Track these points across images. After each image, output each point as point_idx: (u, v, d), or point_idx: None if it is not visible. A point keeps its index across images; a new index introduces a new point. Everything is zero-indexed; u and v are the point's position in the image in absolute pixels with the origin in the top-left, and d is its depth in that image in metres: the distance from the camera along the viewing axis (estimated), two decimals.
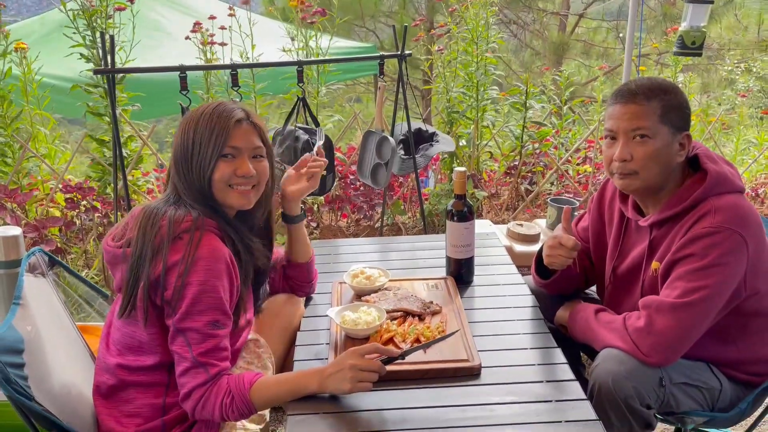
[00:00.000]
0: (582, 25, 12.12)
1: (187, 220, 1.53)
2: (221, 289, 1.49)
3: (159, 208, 1.57)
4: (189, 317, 1.47)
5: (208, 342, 1.48)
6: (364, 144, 2.86)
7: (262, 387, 1.49)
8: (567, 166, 4.43)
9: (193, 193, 1.60)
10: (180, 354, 1.49)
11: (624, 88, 1.72)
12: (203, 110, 1.63)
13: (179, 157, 1.61)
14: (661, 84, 1.71)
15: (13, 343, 1.50)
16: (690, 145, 1.72)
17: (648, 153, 1.67)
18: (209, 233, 1.54)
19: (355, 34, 10.89)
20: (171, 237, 1.50)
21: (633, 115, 1.67)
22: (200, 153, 1.59)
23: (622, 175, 1.72)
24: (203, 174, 1.59)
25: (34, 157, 3.38)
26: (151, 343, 1.55)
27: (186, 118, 1.65)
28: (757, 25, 10.77)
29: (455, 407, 1.49)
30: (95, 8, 3.24)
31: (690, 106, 1.73)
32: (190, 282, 1.47)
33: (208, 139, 1.58)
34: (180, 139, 1.62)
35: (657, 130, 1.66)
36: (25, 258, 1.78)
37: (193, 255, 1.48)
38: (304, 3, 3.67)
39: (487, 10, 3.98)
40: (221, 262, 1.51)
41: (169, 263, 1.49)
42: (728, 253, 1.59)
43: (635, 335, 1.63)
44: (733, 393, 1.77)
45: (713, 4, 2.93)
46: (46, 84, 3.80)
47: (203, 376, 1.47)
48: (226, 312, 1.51)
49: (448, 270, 2.08)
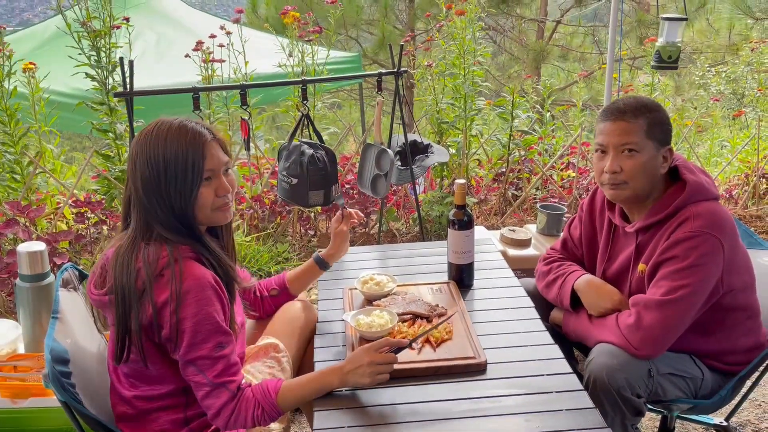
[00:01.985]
0: (559, 30, 12.38)
1: (164, 256, 1.53)
2: (215, 313, 1.53)
3: (129, 249, 1.54)
4: (194, 348, 1.51)
5: (219, 363, 1.53)
6: (364, 156, 3.01)
7: (287, 391, 1.59)
8: (551, 172, 4.62)
9: (169, 221, 1.57)
10: (196, 382, 1.54)
11: (613, 106, 1.90)
12: (165, 135, 1.56)
13: (150, 187, 1.55)
14: (646, 103, 1.89)
15: (61, 353, 1.61)
16: (672, 157, 1.91)
17: (636, 165, 1.85)
18: (187, 261, 1.54)
19: (338, 42, 11.02)
20: (152, 278, 1.50)
21: (622, 132, 1.86)
22: (178, 181, 1.55)
23: (612, 185, 1.90)
24: (185, 201, 1.56)
25: (44, 172, 3.48)
26: (161, 374, 1.60)
27: (145, 145, 1.56)
28: (728, 30, 11.10)
29: (465, 400, 1.63)
30: (99, 30, 3.35)
31: (671, 122, 1.92)
32: (185, 317, 1.49)
33: (184, 166, 1.55)
34: (148, 169, 1.55)
35: (644, 145, 1.85)
36: (59, 273, 1.89)
37: (179, 290, 1.49)
38: (299, 20, 3.81)
39: (474, 24, 4.15)
40: (207, 288, 1.53)
41: (159, 304, 1.50)
42: (707, 255, 1.78)
43: (626, 331, 1.80)
44: (714, 381, 1.95)
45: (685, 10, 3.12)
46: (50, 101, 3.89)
47: (226, 394, 1.53)
48: (225, 332, 1.55)
49: (450, 275, 2.22)
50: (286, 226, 4.06)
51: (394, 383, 1.68)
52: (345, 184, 4.13)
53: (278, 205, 3.97)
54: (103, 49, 3.38)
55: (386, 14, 10.70)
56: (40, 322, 2.39)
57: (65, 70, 3.65)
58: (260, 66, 4.38)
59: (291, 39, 3.95)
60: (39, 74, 3.58)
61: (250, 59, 4.09)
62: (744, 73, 8.94)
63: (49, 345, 1.60)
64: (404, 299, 2.05)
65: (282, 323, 2.05)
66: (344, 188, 4.10)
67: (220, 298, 1.57)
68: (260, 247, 3.68)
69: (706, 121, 7.13)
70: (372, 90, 10.00)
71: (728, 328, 1.92)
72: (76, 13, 3.45)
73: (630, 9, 10.78)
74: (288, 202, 2.79)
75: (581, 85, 6.58)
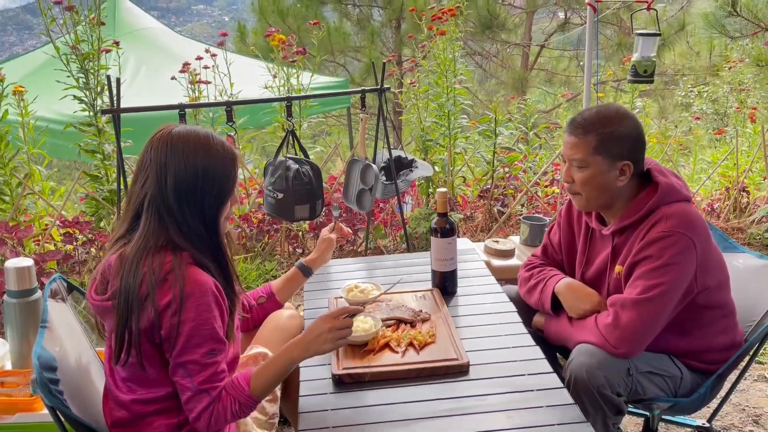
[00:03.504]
0: (544, 54, 12.61)
1: (168, 262, 1.54)
2: (213, 319, 1.55)
3: (138, 254, 1.55)
4: (187, 351, 1.53)
5: (208, 370, 1.55)
6: (349, 171, 3.07)
7: (257, 378, 1.61)
8: (536, 189, 4.69)
9: (196, 227, 1.59)
10: (182, 384, 1.55)
11: (572, 119, 1.97)
12: (205, 144, 1.59)
13: (184, 193, 1.56)
14: (605, 116, 1.91)
15: (49, 361, 1.62)
16: (631, 171, 1.92)
17: (583, 179, 1.93)
18: (190, 267, 1.56)
19: (326, 68, 11.18)
20: (156, 283, 1.52)
21: (572, 146, 1.93)
22: (215, 189, 1.59)
23: (570, 193, 2.01)
24: (217, 209, 1.61)
25: (32, 194, 3.51)
26: (158, 377, 1.61)
27: (182, 151, 1.57)
28: (708, 52, 11.33)
29: (449, 399, 1.66)
30: (87, 52, 3.41)
31: (639, 136, 1.92)
32: (184, 320, 1.52)
33: (224, 177, 1.60)
34: (186, 174, 1.56)
35: (590, 161, 1.90)
36: (47, 284, 1.92)
37: (182, 293, 1.51)
38: (285, 42, 3.89)
39: (454, 44, 4.26)
40: (208, 294, 1.55)
41: (161, 306, 1.52)
42: (680, 253, 1.82)
43: (604, 330, 1.84)
44: (693, 380, 1.99)
45: (665, 34, 3.21)
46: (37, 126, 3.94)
47: (207, 399, 1.55)
48: (220, 339, 1.58)
49: (433, 282, 2.26)
50: (274, 244, 4.10)
51: (379, 385, 1.71)
52: (332, 202, 4.17)
53: (266, 223, 4.01)
54: (91, 71, 3.44)
55: (373, 41, 10.90)
56: (28, 338, 2.39)
57: (54, 96, 3.70)
58: (247, 90, 4.46)
59: (276, 62, 4.03)
60: (28, 98, 3.62)
61: (237, 84, 4.17)
62: (725, 93, 9.11)
63: (37, 352, 1.62)
64: (388, 306, 2.09)
65: (270, 332, 2.08)
66: (330, 206, 4.14)
67: (220, 306, 1.59)
68: (248, 265, 3.70)
69: (689, 140, 7.25)
70: (360, 113, 10.11)
71: (704, 326, 1.96)
72: (67, 39, 3.51)
73: (612, 33, 11.03)
74: (274, 216, 2.83)
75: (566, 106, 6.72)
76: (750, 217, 4.72)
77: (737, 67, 7.71)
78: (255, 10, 11.02)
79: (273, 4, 10.69)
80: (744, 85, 7.54)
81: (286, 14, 10.58)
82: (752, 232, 4.54)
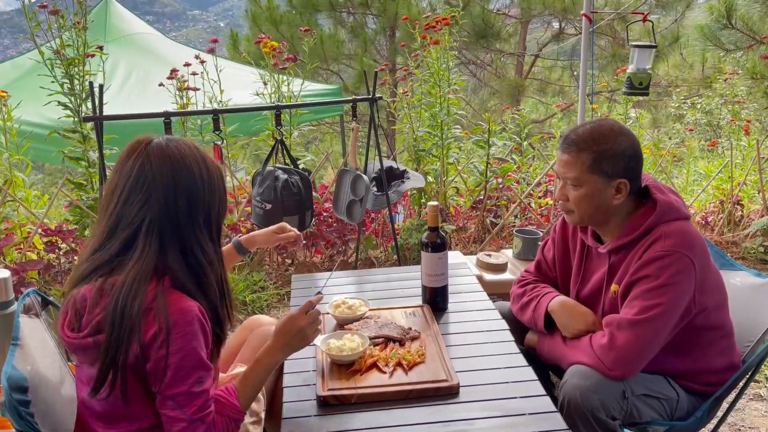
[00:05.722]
0: (538, 64, 12.63)
1: (150, 290, 1.44)
2: (199, 347, 1.48)
3: (133, 284, 1.43)
4: (175, 384, 1.46)
5: (199, 399, 1.48)
6: (339, 182, 3.00)
7: (242, 391, 1.60)
8: (529, 200, 4.64)
9: (197, 248, 1.50)
10: (172, 416, 1.48)
11: (565, 136, 1.91)
12: (202, 154, 1.53)
13: (197, 205, 1.49)
14: (600, 134, 1.84)
15: (19, 381, 1.53)
16: (627, 189, 1.86)
17: (577, 198, 1.88)
18: (172, 293, 1.46)
19: (319, 75, 11.15)
20: (141, 314, 1.41)
21: (565, 164, 1.88)
22: (223, 199, 1.56)
23: (563, 210, 1.96)
24: (220, 221, 1.57)
25: (13, 201, 3.42)
26: (142, 411, 1.53)
27: (190, 158, 1.49)
28: (701, 63, 11.37)
29: (439, 423, 1.60)
30: (72, 57, 3.34)
31: (635, 153, 1.85)
32: (172, 352, 1.43)
33: (223, 183, 1.57)
34: (201, 185, 1.49)
35: (584, 180, 1.85)
36: (20, 299, 1.84)
37: (167, 324, 1.42)
38: (276, 49, 3.83)
39: (447, 54, 4.21)
40: (194, 321, 1.46)
41: (147, 339, 1.43)
42: (678, 274, 1.77)
43: (599, 351, 1.78)
44: (690, 403, 1.93)
45: (659, 45, 3.18)
46: (21, 132, 3.86)
47: (202, 427, 1.48)
48: (206, 366, 1.51)
49: (424, 298, 2.20)
50: (262, 255, 4.02)
51: (365, 408, 1.64)
52: (323, 211, 4.11)
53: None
54: (76, 76, 3.37)
55: (366, 49, 10.88)
56: (4, 352, 2.31)
57: (40, 101, 3.63)
58: (238, 97, 4.40)
59: (267, 68, 3.97)
60: (12, 102, 3.55)
61: (229, 91, 4.10)
62: (718, 105, 9.13)
63: (6, 372, 1.54)
64: (377, 323, 2.02)
65: (253, 351, 2.01)
66: (321, 216, 4.08)
67: (205, 331, 1.49)
68: (235, 276, 3.63)
69: (682, 151, 7.24)
70: (352, 122, 10.08)
71: (702, 347, 1.90)
72: (52, 44, 3.44)
73: (606, 44, 11.04)
74: (262, 227, 2.76)
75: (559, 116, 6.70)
76: (744, 231, 4.68)
77: (731, 80, 7.71)
78: (248, 16, 10.99)
79: (267, 11, 10.66)
80: (738, 97, 7.55)
81: (279, 21, 10.56)
82: (746, 246, 4.50)
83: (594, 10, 3.52)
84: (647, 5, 10.40)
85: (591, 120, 1.99)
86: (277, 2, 10.90)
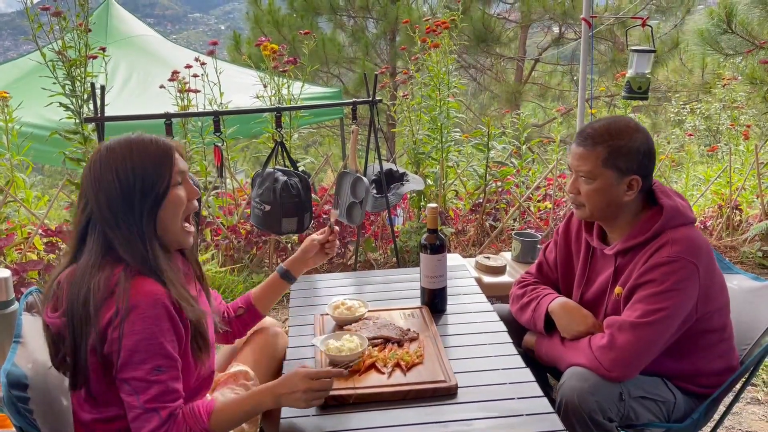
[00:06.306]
0: (538, 68, 12.64)
1: (116, 274, 1.49)
2: (160, 334, 1.47)
3: (84, 273, 1.50)
4: (130, 367, 1.46)
5: (154, 387, 1.47)
6: (339, 184, 3.01)
7: (219, 413, 1.54)
8: (528, 203, 4.65)
9: (135, 239, 1.52)
10: (128, 402, 1.48)
11: (582, 130, 1.91)
12: (134, 146, 1.54)
13: (119, 198, 1.51)
14: (616, 129, 1.86)
15: (19, 378, 1.55)
16: (639, 186, 1.88)
17: (589, 191, 1.88)
18: (140, 278, 1.49)
19: (320, 78, 11.17)
20: (102, 298, 1.46)
21: (580, 157, 1.88)
22: (149, 187, 1.53)
23: (573, 204, 1.96)
24: (153, 209, 1.54)
25: (14, 201, 3.43)
26: (111, 397, 1.54)
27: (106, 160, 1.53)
28: (700, 69, 11.38)
29: (437, 423, 1.60)
30: (74, 59, 3.36)
31: (649, 150, 1.86)
32: (127, 333, 1.44)
33: (156, 171, 1.53)
34: (116, 181, 1.51)
35: (598, 174, 1.86)
36: (23, 297, 1.85)
37: (127, 304, 1.45)
38: (276, 52, 3.85)
39: (448, 57, 4.23)
40: (158, 306, 1.47)
41: (104, 321, 1.45)
42: (683, 280, 1.78)
43: (598, 352, 1.79)
44: (686, 405, 1.94)
45: (659, 50, 3.20)
46: (22, 132, 3.88)
47: (156, 420, 1.46)
48: (168, 355, 1.49)
49: (422, 300, 2.21)
50: (262, 256, 4.03)
51: (364, 408, 1.65)
52: (322, 214, 4.12)
53: (254, 235, 3.95)
54: (78, 78, 3.38)
55: (367, 52, 10.90)
56: (3, 351, 2.32)
57: (41, 102, 3.64)
58: (238, 100, 4.41)
59: (268, 71, 3.99)
60: (13, 103, 3.56)
61: (229, 93, 4.12)
62: (717, 110, 9.15)
63: (6, 369, 1.55)
64: (375, 324, 2.03)
65: (252, 350, 2.02)
66: (320, 218, 4.09)
67: (172, 319, 1.50)
68: (235, 278, 3.63)
69: (681, 156, 7.26)
70: (352, 125, 10.10)
71: (702, 349, 1.91)
72: (54, 46, 3.46)
73: (605, 48, 11.07)
74: (261, 229, 2.78)
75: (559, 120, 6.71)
76: (743, 236, 4.69)
77: (730, 85, 7.73)
78: (250, 19, 11.02)
79: (268, 14, 10.69)
80: (737, 102, 7.56)
81: (280, 24, 10.59)
82: (745, 251, 4.51)
83: (594, 14, 3.54)
84: (647, 10, 10.44)
85: (607, 116, 2.00)
86: (278, 5, 10.93)
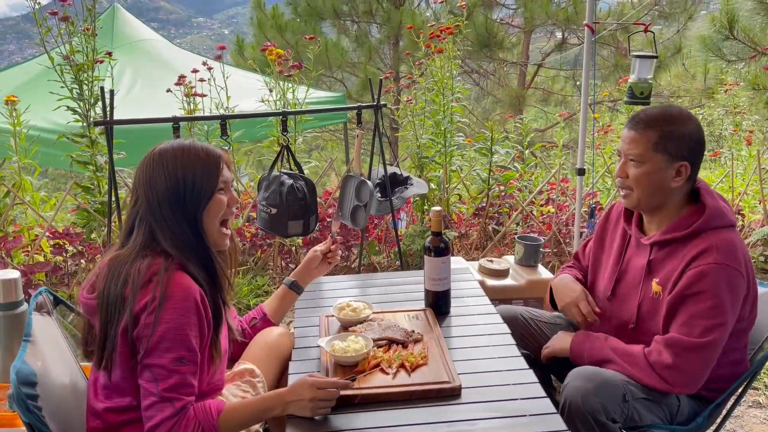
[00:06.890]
0: (540, 73, 12.67)
1: (156, 264, 1.58)
2: (188, 326, 1.55)
3: (127, 259, 1.60)
4: (155, 354, 1.53)
5: (174, 377, 1.53)
6: (344, 187, 3.04)
7: (229, 413, 1.60)
8: (531, 207, 4.67)
9: (178, 234, 1.63)
10: (146, 388, 1.54)
11: (635, 115, 1.94)
12: (188, 150, 1.66)
13: (168, 196, 1.63)
14: (668, 114, 1.89)
15: (28, 376, 1.58)
16: (687, 174, 1.88)
17: (638, 175, 1.90)
18: (178, 272, 1.58)
19: (324, 83, 11.21)
20: (139, 285, 1.55)
21: (631, 141, 1.91)
22: (196, 189, 1.64)
23: (621, 189, 1.99)
24: (197, 208, 1.64)
25: (22, 204, 3.47)
26: (130, 384, 1.60)
27: (159, 161, 1.65)
28: (703, 74, 11.40)
29: (441, 423, 1.62)
30: (81, 63, 3.39)
31: (700, 138, 1.89)
32: (160, 320, 1.52)
33: (203, 176, 1.64)
34: (167, 179, 1.63)
35: (648, 157, 1.87)
36: (33, 297, 1.88)
37: (164, 293, 1.53)
38: (281, 57, 3.88)
39: (451, 62, 4.26)
40: (190, 300, 1.55)
41: (139, 306, 1.53)
42: (734, 290, 1.80)
43: (664, 372, 1.81)
44: (690, 408, 1.94)
45: (661, 56, 3.22)
46: (29, 136, 3.91)
47: (169, 409, 1.52)
48: (192, 349, 1.56)
49: (426, 302, 2.23)
50: (266, 259, 4.06)
51: (369, 408, 1.67)
52: (326, 217, 4.15)
53: (259, 238, 3.97)
54: (85, 82, 3.42)
55: (371, 57, 10.94)
56: (12, 351, 2.34)
57: (48, 106, 3.68)
58: (244, 104, 4.45)
59: (273, 76, 4.02)
60: (21, 107, 3.60)
61: (234, 98, 4.15)
62: (719, 115, 9.16)
63: (16, 366, 1.58)
64: (380, 325, 2.05)
65: (259, 349, 2.04)
66: (325, 221, 4.11)
67: (200, 315, 1.58)
68: (239, 280, 3.66)
69: None
70: (356, 129, 10.13)
71: (721, 354, 1.91)
72: (61, 49, 3.49)
73: (608, 54, 11.09)
74: (267, 232, 2.80)
75: (562, 125, 6.74)
76: (746, 241, 4.71)
77: (732, 90, 7.75)
78: (254, 24, 11.07)
79: (272, 18, 10.74)
80: (739, 108, 7.58)
81: (284, 29, 10.63)
82: None
83: (596, 20, 3.57)
84: (649, 16, 10.46)
85: (657, 105, 2.03)
86: (282, 10, 10.99)
